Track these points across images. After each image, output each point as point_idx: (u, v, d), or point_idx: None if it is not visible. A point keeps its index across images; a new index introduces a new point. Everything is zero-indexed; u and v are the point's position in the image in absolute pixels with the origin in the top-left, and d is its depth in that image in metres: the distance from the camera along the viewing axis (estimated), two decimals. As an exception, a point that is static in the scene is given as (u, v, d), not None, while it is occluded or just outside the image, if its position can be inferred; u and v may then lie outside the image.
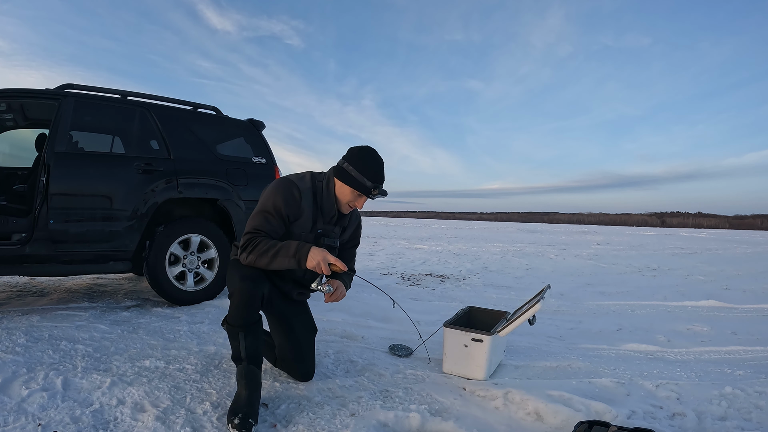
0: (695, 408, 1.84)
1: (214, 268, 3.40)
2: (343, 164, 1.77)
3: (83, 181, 2.96)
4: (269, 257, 1.66)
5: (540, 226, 41.02)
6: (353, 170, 1.74)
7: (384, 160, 1.81)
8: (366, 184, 1.74)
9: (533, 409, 1.76)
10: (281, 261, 1.65)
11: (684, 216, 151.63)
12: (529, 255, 9.17)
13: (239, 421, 1.50)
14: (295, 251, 1.64)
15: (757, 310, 4.14)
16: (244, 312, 1.67)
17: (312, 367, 1.96)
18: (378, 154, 1.79)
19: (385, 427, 1.62)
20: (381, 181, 1.77)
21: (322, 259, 1.63)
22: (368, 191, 1.75)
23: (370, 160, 1.76)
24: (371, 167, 1.75)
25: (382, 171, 1.78)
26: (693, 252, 11.61)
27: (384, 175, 1.79)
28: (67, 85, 3.16)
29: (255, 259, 1.67)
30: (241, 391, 1.62)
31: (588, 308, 4.04)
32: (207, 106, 3.68)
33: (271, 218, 1.72)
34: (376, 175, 1.75)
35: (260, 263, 1.67)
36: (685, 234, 29.45)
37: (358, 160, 1.75)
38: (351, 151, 1.79)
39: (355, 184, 1.74)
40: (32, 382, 1.79)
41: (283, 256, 1.65)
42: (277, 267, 1.68)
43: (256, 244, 1.68)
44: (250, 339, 1.69)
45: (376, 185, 1.75)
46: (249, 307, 1.68)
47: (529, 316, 2.06)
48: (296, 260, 1.64)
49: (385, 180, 1.80)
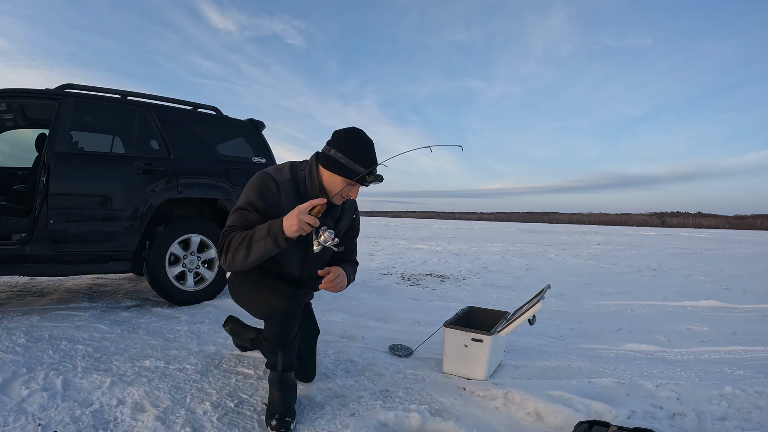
0: (695, 408, 1.84)
1: (214, 268, 3.40)
2: (329, 151, 1.57)
3: (83, 181, 2.96)
4: (245, 248, 1.45)
5: (540, 226, 41.02)
6: (342, 157, 1.54)
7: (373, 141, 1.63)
8: (358, 171, 1.54)
9: (533, 409, 1.76)
10: (258, 247, 1.44)
11: (684, 216, 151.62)
12: (529, 255, 9.17)
13: (276, 422, 1.51)
14: (268, 229, 1.43)
15: (757, 310, 4.14)
16: (287, 332, 1.60)
17: (313, 369, 1.93)
18: (366, 135, 1.60)
19: (385, 427, 1.62)
20: (374, 164, 1.57)
21: (298, 216, 1.38)
22: (362, 179, 1.56)
23: (360, 143, 1.57)
24: (362, 151, 1.55)
25: (374, 153, 1.59)
26: (693, 252, 11.61)
27: (376, 158, 1.60)
28: (67, 85, 3.16)
29: (232, 256, 1.48)
30: (275, 393, 1.61)
31: (588, 308, 4.03)
32: (207, 106, 3.68)
33: (246, 213, 1.55)
34: (369, 160, 1.56)
35: (238, 259, 1.47)
36: (685, 234, 29.45)
37: (346, 145, 1.55)
38: (336, 136, 1.60)
39: (346, 172, 1.55)
40: (32, 382, 1.79)
41: (258, 240, 1.44)
42: (257, 257, 1.46)
43: (229, 241, 1.50)
44: (288, 353, 1.65)
45: (370, 171, 1.55)
46: (292, 327, 1.61)
47: (529, 316, 2.06)
48: (272, 238, 1.42)
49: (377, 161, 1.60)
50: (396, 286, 4.86)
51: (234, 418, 1.60)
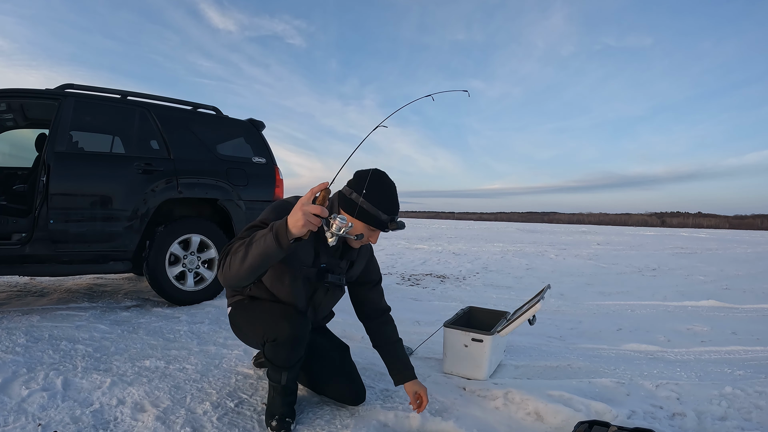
0: (695, 408, 1.84)
1: (214, 268, 3.40)
2: (351, 194, 1.49)
3: (83, 181, 2.96)
4: (243, 249, 1.28)
5: (540, 226, 41.03)
6: (364, 202, 1.46)
7: (396, 184, 1.55)
8: (380, 218, 1.47)
9: (533, 409, 1.76)
10: (257, 246, 1.25)
11: (684, 216, 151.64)
12: (529, 255, 9.17)
13: (277, 423, 1.51)
14: (271, 226, 1.26)
15: (757, 310, 4.14)
16: (292, 356, 1.54)
17: (362, 387, 1.77)
18: (389, 179, 1.53)
19: (385, 427, 1.62)
20: (396, 211, 1.50)
21: (301, 209, 1.17)
22: (383, 226, 1.48)
23: (383, 189, 1.49)
24: (385, 197, 1.48)
25: (396, 199, 1.52)
26: (693, 252, 11.61)
27: (398, 204, 1.53)
28: (67, 85, 3.16)
29: (230, 260, 1.32)
30: (275, 395, 1.60)
31: (588, 308, 4.03)
32: (207, 106, 3.68)
33: (256, 228, 1.40)
34: (390, 206, 1.48)
35: (234, 263, 1.30)
36: (685, 234, 29.45)
37: (369, 192, 1.47)
38: (358, 178, 1.51)
39: (367, 218, 1.47)
40: (32, 382, 1.79)
41: (258, 238, 1.26)
42: (254, 259, 1.26)
43: (230, 248, 1.36)
44: (294, 372, 1.60)
45: (392, 218, 1.48)
46: (297, 351, 1.54)
47: (529, 316, 2.06)
48: (274, 235, 1.22)
49: (399, 207, 1.53)
50: (396, 286, 4.87)
51: (234, 418, 1.60)
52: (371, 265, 1.79)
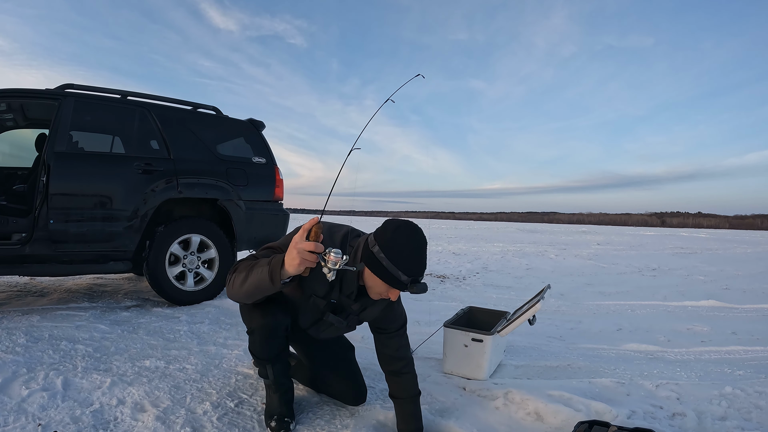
0: (695, 408, 1.84)
1: (214, 268, 3.40)
2: (374, 247, 1.33)
3: (83, 181, 2.96)
4: (245, 271, 1.31)
5: (540, 226, 41.01)
6: (385, 259, 1.31)
7: (427, 241, 1.38)
8: (400, 279, 1.30)
9: (533, 409, 1.76)
10: (255, 275, 1.27)
11: (684, 216, 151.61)
12: (529, 255, 9.17)
13: (276, 423, 1.51)
14: (270, 259, 1.26)
15: (757, 310, 4.14)
16: (266, 346, 1.53)
17: (362, 388, 1.76)
18: (417, 236, 1.35)
19: (385, 427, 1.62)
20: (420, 273, 1.33)
21: (295, 248, 1.16)
22: (402, 287, 1.32)
23: (408, 249, 1.33)
24: (408, 255, 1.32)
25: (422, 259, 1.35)
26: (693, 252, 11.61)
27: (426, 264, 1.37)
28: (67, 85, 3.16)
29: (234, 278, 1.35)
30: (272, 394, 1.60)
31: (588, 308, 4.03)
32: (207, 106, 3.68)
33: (272, 251, 1.40)
34: (412, 267, 1.32)
35: (236, 282, 1.33)
36: (685, 234, 29.44)
37: (392, 248, 1.31)
38: (385, 231, 1.35)
39: (386, 277, 1.31)
40: (32, 382, 1.79)
41: (258, 267, 1.28)
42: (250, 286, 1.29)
43: (237, 267, 1.37)
44: (279, 365, 1.59)
45: (414, 280, 1.32)
46: (271, 341, 1.53)
47: (529, 316, 2.06)
48: (269, 269, 1.23)
49: (426, 267, 1.38)
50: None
51: (234, 418, 1.60)
52: (390, 312, 1.61)
